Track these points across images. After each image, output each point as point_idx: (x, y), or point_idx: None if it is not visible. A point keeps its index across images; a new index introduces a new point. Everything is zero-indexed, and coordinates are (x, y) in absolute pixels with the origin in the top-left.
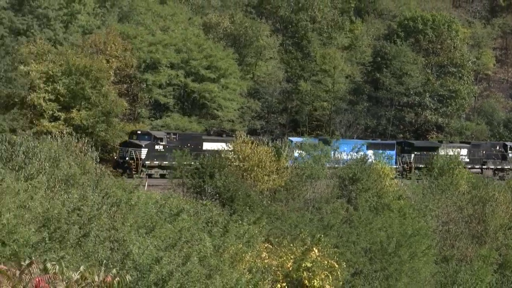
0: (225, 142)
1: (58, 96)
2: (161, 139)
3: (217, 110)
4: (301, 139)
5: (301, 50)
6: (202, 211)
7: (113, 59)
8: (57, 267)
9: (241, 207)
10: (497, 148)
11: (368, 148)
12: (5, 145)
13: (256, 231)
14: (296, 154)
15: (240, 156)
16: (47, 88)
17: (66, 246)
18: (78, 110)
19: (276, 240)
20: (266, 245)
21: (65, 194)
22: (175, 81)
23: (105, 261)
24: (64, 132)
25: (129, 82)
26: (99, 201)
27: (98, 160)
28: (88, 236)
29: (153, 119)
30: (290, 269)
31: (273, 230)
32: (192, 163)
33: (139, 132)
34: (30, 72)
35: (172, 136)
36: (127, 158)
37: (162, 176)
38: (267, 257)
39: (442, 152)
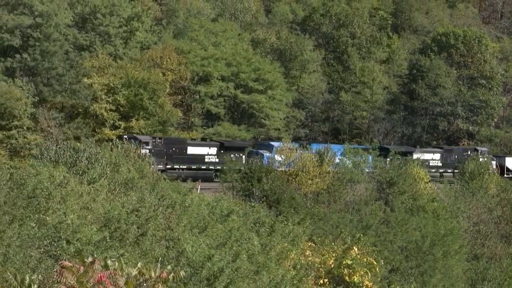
0: (208, 147)
1: (118, 106)
2: (147, 143)
3: (265, 119)
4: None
5: (342, 64)
6: (251, 212)
7: (169, 72)
8: (117, 263)
9: (286, 208)
10: (469, 152)
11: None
12: (70, 152)
13: (300, 231)
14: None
15: (286, 162)
16: (108, 99)
17: (125, 244)
18: (137, 119)
19: (319, 239)
20: (309, 244)
21: (124, 197)
22: (225, 92)
23: (161, 258)
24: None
25: (183, 93)
26: (155, 203)
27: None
28: (145, 235)
29: (205, 127)
30: (332, 266)
31: (316, 230)
32: (241, 168)
33: (125, 136)
34: (93, 84)
35: (158, 141)
36: None
37: None
38: (310, 255)
39: (415, 156)
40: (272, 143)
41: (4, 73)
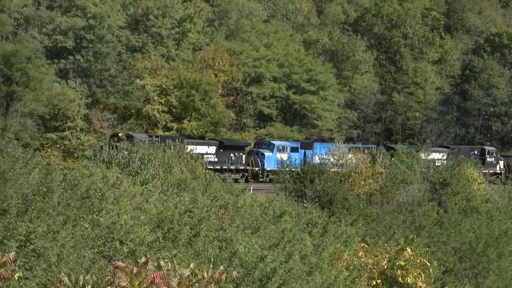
0: (207, 146)
1: (171, 107)
2: (143, 142)
3: (317, 120)
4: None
5: (394, 64)
6: (303, 213)
7: (221, 74)
8: (170, 264)
9: (339, 209)
10: (475, 152)
11: (350, 153)
12: (123, 152)
13: (353, 232)
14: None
15: (339, 163)
16: (160, 100)
17: (178, 245)
18: (189, 120)
19: (372, 240)
20: (362, 245)
21: (177, 197)
22: (277, 93)
23: (213, 259)
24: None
25: (236, 94)
26: (208, 204)
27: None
28: (198, 236)
29: (257, 128)
30: (385, 267)
31: (369, 231)
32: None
33: (120, 134)
34: (145, 86)
35: (155, 139)
36: None
37: None
38: (363, 256)
39: (421, 156)
40: (273, 142)
41: (58, 75)
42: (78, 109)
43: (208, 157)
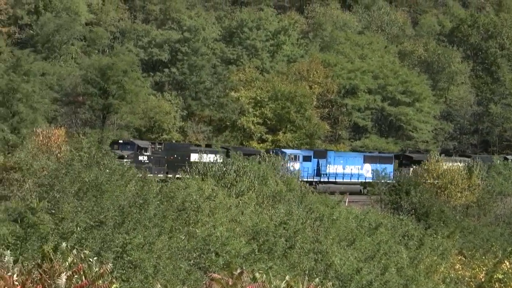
0: (214, 154)
1: (266, 119)
2: (146, 149)
3: (412, 132)
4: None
5: (491, 75)
6: (399, 225)
7: (316, 85)
8: (265, 276)
9: (435, 221)
10: (498, 162)
11: (364, 161)
12: (218, 165)
13: (450, 244)
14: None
15: (434, 175)
16: (255, 112)
17: (273, 257)
18: (284, 132)
19: (469, 252)
20: (459, 258)
21: (272, 209)
22: (372, 105)
23: (309, 271)
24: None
25: (330, 106)
26: (303, 216)
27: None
28: (293, 248)
29: (352, 140)
30: (483, 280)
31: (466, 244)
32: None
33: (121, 141)
34: (240, 98)
35: (158, 146)
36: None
37: None
38: (460, 268)
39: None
40: (284, 150)
41: (153, 87)
42: (173, 121)
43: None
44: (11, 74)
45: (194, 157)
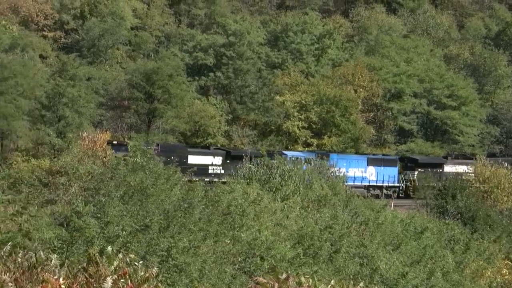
0: (213, 156)
1: (311, 123)
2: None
3: (458, 136)
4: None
5: None
6: (445, 229)
7: (361, 89)
8: (311, 280)
9: (481, 226)
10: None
11: (368, 164)
12: (263, 169)
13: (496, 249)
14: None
15: (480, 179)
16: (300, 116)
17: (318, 261)
18: (329, 136)
19: None
20: (506, 262)
21: (317, 214)
22: (418, 109)
23: (354, 275)
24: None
25: (376, 110)
26: (348, 220)
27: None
28: (339, 252)
29: (398, 144)
30: None
31: None
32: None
33: (114, 142)
34: (285, 102)
35: (154, 147)
36: None
37: None
38: (507, 273)
39: (446, 169)
40: (285, 152)
41: (199, 92)
42: (218, 125)
43: (213, 169)
44: (57, 78)
45: (192, 159)
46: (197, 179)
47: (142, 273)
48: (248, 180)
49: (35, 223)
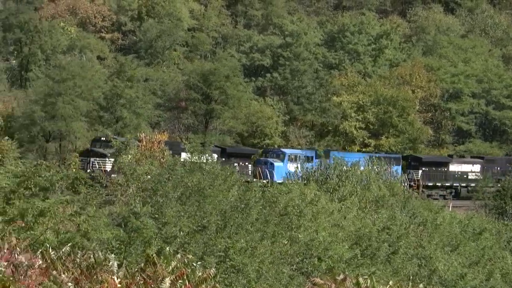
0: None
1: (368, 124)
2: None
3: None
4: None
5: None
6: (504, 230)
7: (418, 90)
8: (369, 281)
9: None
10: None
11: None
12: (321, 169)
13: None
14: None
15: None
16: (357, 117)
17: (376, 262)
18: (386, 137)
19: None
20: None
21: (375, 214)
22: (476, 109)
23: (412, 276)
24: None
25: (433, 110)
26: (406, 221)
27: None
28: (397, 253)
29: (456, 145)
30: None
31: None
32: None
33: (103, 138)
34: (342, 103)
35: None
36: (88, 171)
37: None
38: None
39: (452, 168)
40: (284, 150)
41: (255, 92)
42: (276, 126)
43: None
44: (115, 80)
45: (184, 156)
46: None
47: (200, 274)
48: (305, 181)
49: (93, 224)
